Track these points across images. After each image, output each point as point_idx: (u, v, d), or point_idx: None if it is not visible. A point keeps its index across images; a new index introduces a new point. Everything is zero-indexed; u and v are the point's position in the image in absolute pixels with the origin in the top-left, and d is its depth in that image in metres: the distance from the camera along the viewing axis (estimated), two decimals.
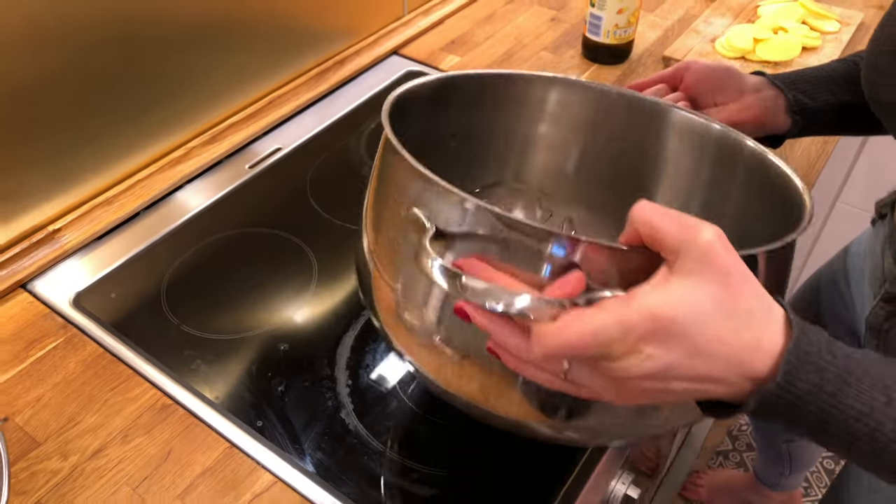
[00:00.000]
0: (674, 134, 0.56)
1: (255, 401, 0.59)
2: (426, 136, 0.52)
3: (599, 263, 0.34)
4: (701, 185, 0.56)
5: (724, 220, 0.45)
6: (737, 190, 0.54)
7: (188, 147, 0.80)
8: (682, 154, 0.57)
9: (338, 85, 0.94)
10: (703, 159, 0.56)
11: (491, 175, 0.62)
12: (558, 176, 0.62)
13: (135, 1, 0.69)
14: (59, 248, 0.70)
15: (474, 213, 0.37)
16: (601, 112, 0.58)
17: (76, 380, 0.60)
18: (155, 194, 0.76)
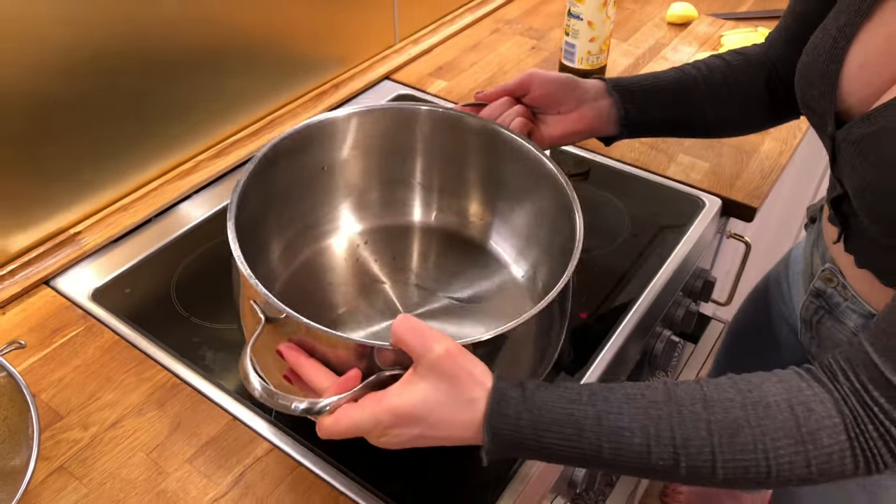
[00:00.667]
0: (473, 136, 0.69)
1: None
2: (301, 172, 0.68)
3: (384, 357, 0.49)
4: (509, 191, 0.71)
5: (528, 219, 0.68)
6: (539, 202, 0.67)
7: (197, 160, 0.88)
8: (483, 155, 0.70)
9: (334, 106, 1.02)
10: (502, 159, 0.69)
11: (365, 185, 0.73)
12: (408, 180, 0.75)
13: (151, 32, 0.77)
14: (80, 248, 0.77)
15: (286, 318, 0.51)
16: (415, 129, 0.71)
17: (95, 363, 0.67)
18: (166, 202, 0.84)
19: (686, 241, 0.81)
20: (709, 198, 0.87)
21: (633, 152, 0.94)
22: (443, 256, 0.73)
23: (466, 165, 0.71)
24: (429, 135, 0.70)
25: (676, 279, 0.79)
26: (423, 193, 0.75)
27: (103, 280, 0.76)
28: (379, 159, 0.72)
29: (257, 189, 0.61)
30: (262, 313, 0.52)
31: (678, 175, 0.91)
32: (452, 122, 0.69)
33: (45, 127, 0.72)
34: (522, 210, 0.70)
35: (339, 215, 0.73)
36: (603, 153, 0.94)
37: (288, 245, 0.70)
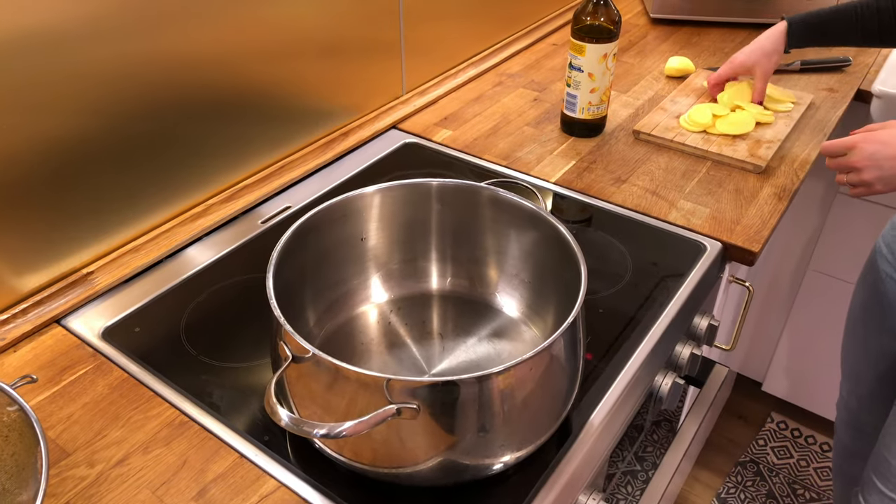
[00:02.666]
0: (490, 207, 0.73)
1: (263, 419, 0.66)
2: (341, 242, 0.72)
3: (398, 390, 0.52)
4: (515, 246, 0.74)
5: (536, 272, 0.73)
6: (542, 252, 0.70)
7: (208, 204, 0.90)
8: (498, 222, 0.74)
9: (342, 154, 1.05)
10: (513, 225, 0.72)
11: (400, 256, 0.77)
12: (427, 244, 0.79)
13: (167, 80, 0.80)
14: (92, 288, 0.79)
15: (313, 356, 0.53)
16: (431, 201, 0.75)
17: (103, 400, 0.67)
18: (177, 244, 0.86)
19: (688, 285, 0.82)
20: (709, 242, 0.89)
21: (634, 198, 0.96)
22: (461, 317, 0.76)
23: (476, 231, 0.75)
24: (441, 206, 0.75)
25: (680, 322, 0.79)
26: (438, 263, 0.78)
27: (114, 319, 0.77)
28: (401, 233, 0.76)
29: (295, 254, 0.66)
30: (289, 352, 0.54)
31: (679, 220, 0.92)
32: (463, 192, 0.73)
33: (66, 170, 0.74)
34: (529, 266, 0.73)
35: (370, 284, 0.77)
36: (605, 199, 0.96)
37: (327, 310, 0.74)
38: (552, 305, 0.70)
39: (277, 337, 0.58)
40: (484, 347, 0.72)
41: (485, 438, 0.56)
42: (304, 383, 0.58)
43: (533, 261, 0.72)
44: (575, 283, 0.60)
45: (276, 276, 0.61)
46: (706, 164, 1.04)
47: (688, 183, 1.00)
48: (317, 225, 0.69)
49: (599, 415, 0.67)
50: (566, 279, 0.64)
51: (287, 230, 0.65)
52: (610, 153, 1.07)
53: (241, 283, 0.82)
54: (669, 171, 1.03)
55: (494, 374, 0.52)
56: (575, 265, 0.61)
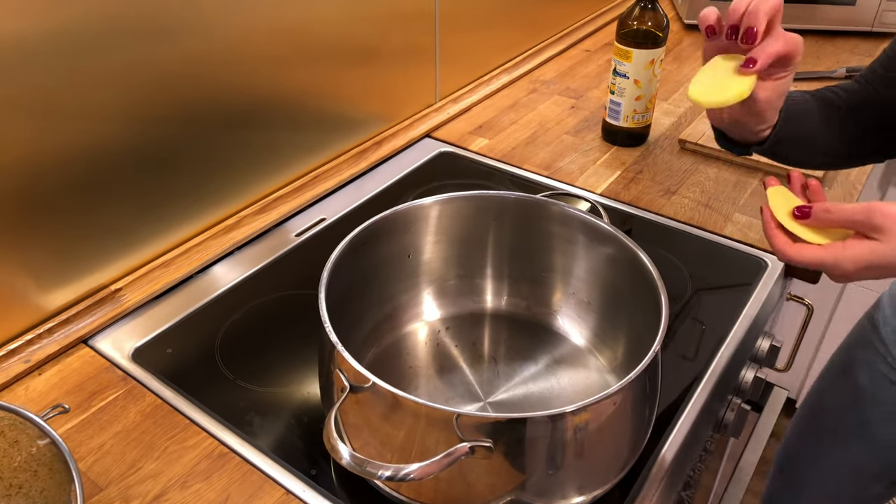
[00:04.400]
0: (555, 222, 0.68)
1: (307, 450, 0.61)
2: (393, 256, 0.68)
3: (467, 426, 0.47)
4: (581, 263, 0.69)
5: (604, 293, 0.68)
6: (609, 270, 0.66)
7: (240, 216, 0.86)
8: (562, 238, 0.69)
9: (376, 163, 1.00)
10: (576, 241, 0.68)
11: (441, 274, 0.73)
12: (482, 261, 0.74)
13: (198, 88, 0.76)
14: (120, 306, 0.74)
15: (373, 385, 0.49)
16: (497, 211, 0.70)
17: (136, 429, 0.62)
18: (209, 258, 0.81)
19: (752, 304, 0.77)
20: (771, 258, 0.84)
21: (686, 210, 0.92)
22: (516, 339, 0.71)
23: (537, 248, 0.70)
24: (500, 220, 0.70)
25: (746, 345, 0.74)
26: (494, 281, 0.73)
27: (144, 339, 0.72)
28: (457, 247, 0.71)
29: (344, 271, 0.61)
30: (346, 381, 0.50)
31: (736, 234, 0.87)
32: (525, 207, 0.68)
33: (93, 180, 0.70)
34: (596, 288, 0.68)
35: (421, 300, 0.72)
36: (656, 211, 0.91)
37: (374, 328, 0.69)
38: (622, 335, 0.65)
39: (331, 363, 0.53)
40: (544, 375, 0.67)
41: (556, 477, 0.51)
42: (360, 414, 0.53)
43: (601, 283, 0.67)
44: (651, 312, 0.56)
45: (329, 294, 0.56)
46: (758, 176, 0.99)
47: (740, 195, 0.95)
48: (369, 238, 0.64)
49: (671, 449, 0.62)
50: (639, 306, 0.59)
51: (339, 244, 0.61)
52: (656, 163, 1.02)
53: (278, 300, 0.78)
54: (720, 182, 0.98)
55: (574, 412, 0.47)
56: (653, 292, 0.56)
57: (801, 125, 0.72)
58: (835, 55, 1.34)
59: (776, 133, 0.71)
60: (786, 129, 0.70)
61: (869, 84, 0.73)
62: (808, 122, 0.72)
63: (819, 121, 0.73)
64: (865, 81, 0.73)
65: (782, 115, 0.70)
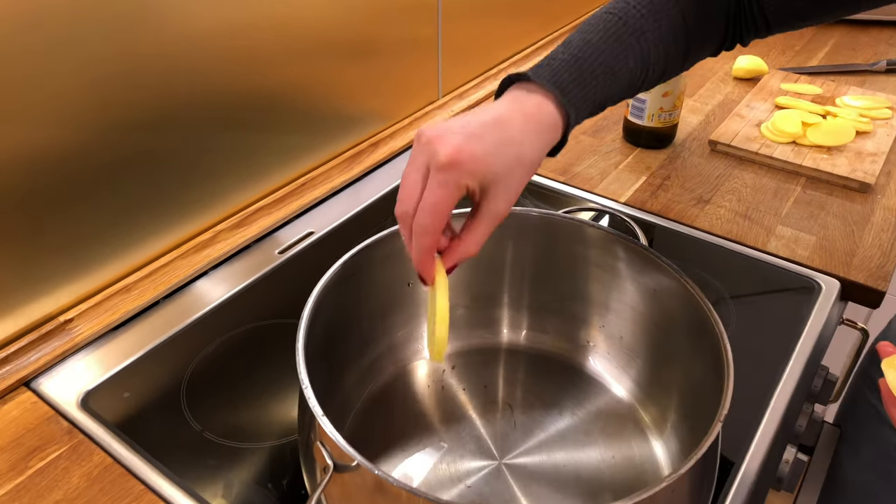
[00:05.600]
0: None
1: None
2: (388, 285, 0.57)
3: None
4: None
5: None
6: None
7: (215, 231, 0.75)
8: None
9: (372, 168, 0.90)
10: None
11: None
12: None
13: (166, 84, 0.65)
14: (70, 340, 0.63)
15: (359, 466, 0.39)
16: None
17: (79, 498, 0.51)
18: (178, 281, 0.70)
19: (808, 334, 0.67)
20: (823, 279, 0.73)
21: (723, 223, 0.81)
22: (535, 381, 0.60)
23: (565, 275, 0.59)
24: (524, 242, 0.59)
25: (803, 383, 0.64)
26: (510, 310, 0.63)
27: (97, 381, 0.61)
28: (467, 272, 0.60)
29: (332, 304, 0.51)
30: (330, 459, 0.39)
31: (781, 251, 0.77)
32: (549, 225, 0.58)
33: (43, 192, 0.59)
34: (640, 329, 0.57)
35: (422, 334, 0.61)
36: (689, 224, 0.81)
37: (367, 369, 0.58)
38: (674, 388, 0.54)
39: (312, 432, 0.42)
40: (571, 431, 0.56)
41: None
42: (347, 496, 0.42)
43: (644, 321, 0.56)
44: (709, 365, 0.45)
45: (309, 339, 0.46)
46: (800, 182, 0.88)
47: (782, 204, 0.84)
48: (361, 265, 0.53)
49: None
50: (695, 353, 0.49)
51: (324, 274, 0.50)
52: (685, 168, 0.91)
53: (257, 331, 0.67)
54: (758, 189, 0.87)
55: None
56: (712, 342, 0.46)
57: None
58: (872, 46, 1.23)
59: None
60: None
61: None
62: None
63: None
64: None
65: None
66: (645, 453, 0.54)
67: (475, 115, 0.45)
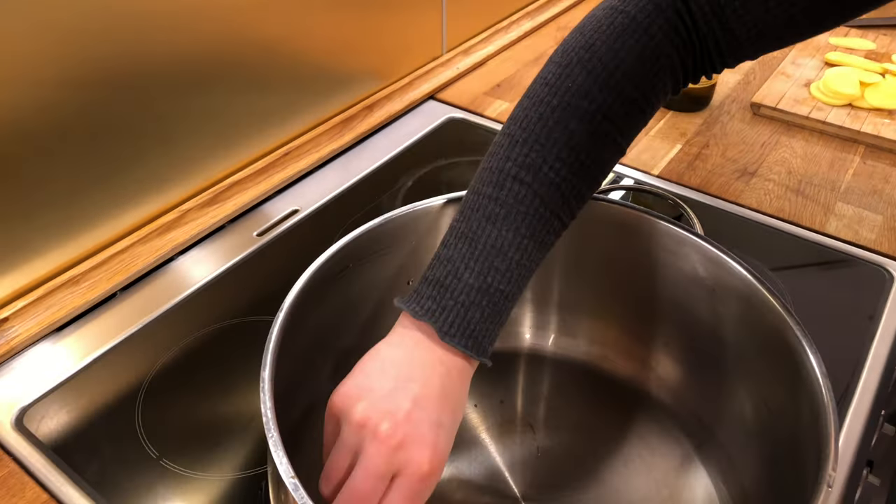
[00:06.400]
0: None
1: None
2: (380, 284, 0.46)
3: None
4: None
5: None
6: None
7: (182, 210, 0.64)
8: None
9: (366, 134, 0.78)
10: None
11: None
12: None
13: (123, 38, 0.53)
14: (5, 343, 0.53)
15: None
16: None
17: None
18: (137, 270, 0.60)
19: (882, 335, 0.56)
20: (895, 265, 0.62)
21: (773, 199, 0.70)
22: (563, 397, 0.50)
23: (607, 268, 0.48)
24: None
25: (879, 397, 0.54)
26: (534, 310, 0.52)
27: (35, 394, 0.51)
28: None
29: (314, 309, 0.41)
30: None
31: (843, 233, 0.66)
32: (595, 210, 0.46)
33: None
34: (691, 335, 0.46)
35: None
36: (732, 200, 0.70)
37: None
38: (746, 425, 0.43)
39: (282, 494, 0.32)
40: (607, 467, 0.46)
41: None
42: None
43: (706, 331, 0.45)
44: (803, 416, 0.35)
45: (279, 369, 0.35)
46: (858, 151, 0.77)
47: (840, 177, 0.73)
48: (347, 262, 0.43)
49: None
50: (774, 380, 0.38)
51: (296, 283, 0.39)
52: (725, 134, 0.80)
53: (230, 332, 0.56)
54: (811, 159, 0.76)
55: None
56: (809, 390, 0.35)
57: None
58: None
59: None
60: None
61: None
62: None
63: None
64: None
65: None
66: (698, 491, 0.44)
67: (407, 382, 0.34)
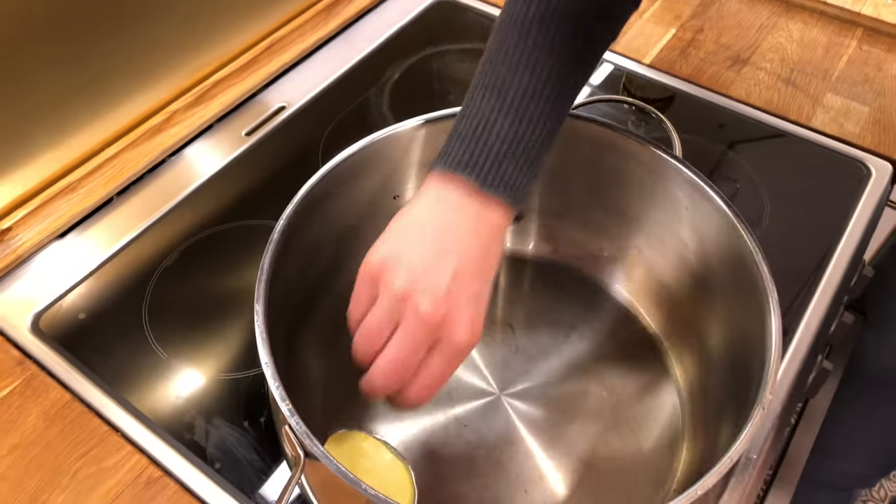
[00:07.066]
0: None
1: (269, 469, 0.46)
2: (366, 202, 0.48)
3: None
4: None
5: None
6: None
7: (169, 111, 0.64)
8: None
9: (352, 20, 0.76)
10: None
11: None
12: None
13: None
14: (11, 252, 0.55)
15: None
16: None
17: (38, 441, 0.47)
18: (130, 175, 0.61)
19: (852, 232, 0.59)
20: (875, 162, 0.64)
21: (762, 90, 0.69)
22: (542, 300, 0.53)
23: (582, 179, 0.49)
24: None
25: (843, 285, 0.57)
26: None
27: (47, 301, 0.54)
28: None
29: (294, 242, 0.43)
30: (300, 449, 0.34)
31: (829, 127, 0.66)
32: (575, 126, 0.47)
33: None
34: (674, 256, 0.48)
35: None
36: (722, 91, 0.69)
37: (346, 293, 0.50)
38: (707, 332, 0.46)
39: (279, 414, 0.36)
40: (580, 364, 0.50)
41: None
42: (323, 483, 0.37)
43: (681, 249, 0.48)
44: (753, 317, 0.38)
45: (270, 295, 0.38)
46: (856, 34, 0.75)
47: (834, 64, 0.72)
48: (329, 190, 0.44)
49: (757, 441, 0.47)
50: (737, 299, 0.41)
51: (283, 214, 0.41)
52: (721, 17, 0.77)
53: (226, 235, 0.59)
54: (806, 44, 0.74)
55: None
56: (756, 295, 0.38)
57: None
58: None
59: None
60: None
61: None
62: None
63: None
64: None
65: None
66: (670, 404, 0.48)
67: (446, 254, 0.35)
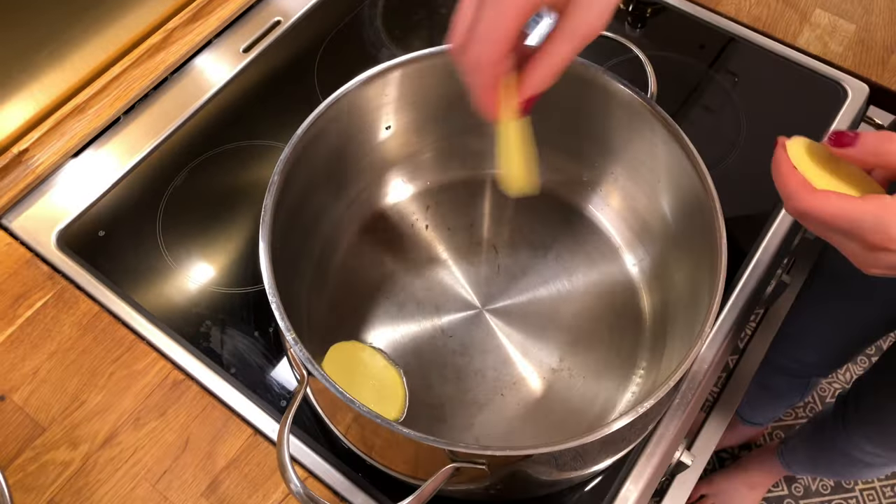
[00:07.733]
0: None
1: (275, 373, 0.53)
2: (353, 137, 0.51)
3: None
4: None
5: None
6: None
7: (167, 29, 0.65)
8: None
9: None
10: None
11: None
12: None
13: None
14: (31, 172, 0.59)
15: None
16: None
17: (73, 348, 0.53)
18: (135, 95, 0.63)
19: None
20: (852, 83, 0.65)
21: (751, 6, 0.70)
22: (525, 220, 0.57)
23: (553, 106, 0.52)
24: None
25: None
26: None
27: (68, 218, 0.59)
28: (437, 109, 0.53)
29: (295, 180, 0.47)
30: (304, 368, 0.39)
31: (813, 46, 0.68)
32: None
33: None
34: (644, 182, 0.52)
35: (390, 179, 0.57)
36: (711, 8, 0.70)
37: (344, 213, 0.55)
38: (677, 262, 0.51)
39: (283, 339, 0.41)
40: (555, 274, 0.55)
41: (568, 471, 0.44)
42: (329, 402, 0.44)
43: (649, 176, 0.51)
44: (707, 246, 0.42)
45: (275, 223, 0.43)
46: None
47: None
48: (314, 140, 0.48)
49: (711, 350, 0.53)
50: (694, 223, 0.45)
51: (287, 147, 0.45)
52: None
53: (228, 154, 0.62)
54: None
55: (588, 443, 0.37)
56: (709, 231, 0.42)
57: None
58: None
59: None
60: None
61: None
62: None
63: None
64: None
65: None
66: (630, 304, 0.54)
67: None
